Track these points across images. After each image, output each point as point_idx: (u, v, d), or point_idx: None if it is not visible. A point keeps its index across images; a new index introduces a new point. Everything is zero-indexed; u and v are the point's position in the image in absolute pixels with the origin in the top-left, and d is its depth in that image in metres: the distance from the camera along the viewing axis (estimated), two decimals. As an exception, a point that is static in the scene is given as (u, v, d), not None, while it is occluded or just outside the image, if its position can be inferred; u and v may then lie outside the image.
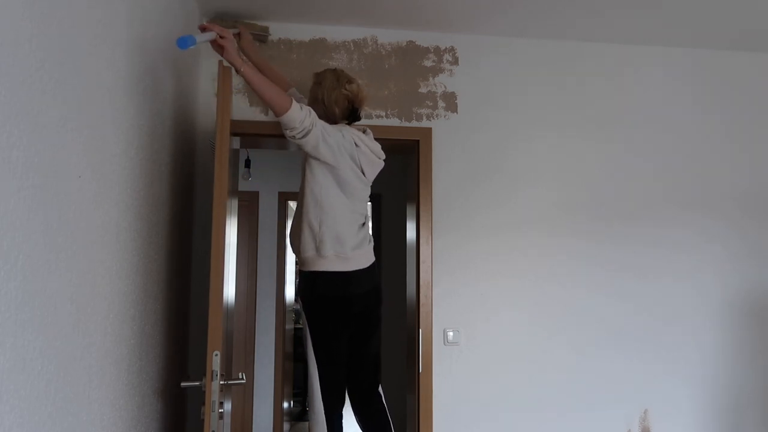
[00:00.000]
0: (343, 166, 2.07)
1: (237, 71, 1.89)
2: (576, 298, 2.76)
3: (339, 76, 2.19)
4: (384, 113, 2.72)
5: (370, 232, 2.30)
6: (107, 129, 1.44)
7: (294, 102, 1.92)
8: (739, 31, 2.78)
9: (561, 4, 2.51)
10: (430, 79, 2.78)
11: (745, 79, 3.00)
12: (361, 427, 2.24)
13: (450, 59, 2.80)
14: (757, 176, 2.95)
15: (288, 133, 1.96)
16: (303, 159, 2.16)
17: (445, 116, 2.77)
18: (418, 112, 2.75)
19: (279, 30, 2.68)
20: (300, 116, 1.92)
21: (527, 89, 2.84)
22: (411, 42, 2.78)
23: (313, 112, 1.99)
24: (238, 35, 2.39)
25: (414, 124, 2.74)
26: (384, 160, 2.27)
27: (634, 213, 2.85)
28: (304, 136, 1.95)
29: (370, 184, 2.24)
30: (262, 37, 2.62)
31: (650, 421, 2.76)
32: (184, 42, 1.68)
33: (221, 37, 1.85)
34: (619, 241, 2.82)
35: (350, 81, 2.19)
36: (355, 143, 2.12)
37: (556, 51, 2.88)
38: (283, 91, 1.98)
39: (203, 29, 1.88)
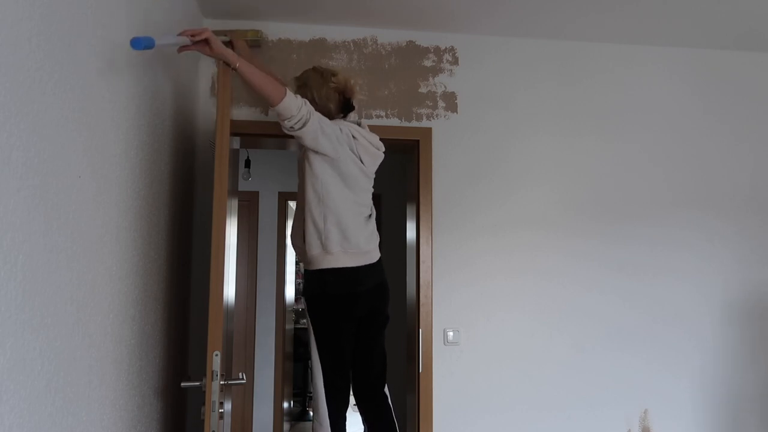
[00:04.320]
0: (344, 158, 2.05)
1: (231, 67, 1.81)
2: (576, 298, 2.76)
3: (322, 72, 2.16)
4: (384, 113, 2.72)
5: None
6: (107, 129, 1.44)
7: (288, 90, 1.89)
8: (741, 31, 2.78)
9: (561, 4, 2.51)
10: (430, 79, 2.78)
11: (747, 78, 3.00)
12: (366, 427, 2.23)
13: (450, 59, 2.80)
14: (760, 176, 2.95)
15: (286, 123, 1.91)
16: (300, 157, 2.14)
17: (445, 116, 2.77)
18: (418, 112, 2.75)
19: (279, 30, 2.68)
20: (296, 104, 1.89)
21: (527, 89, 2.84)
22: (411, 42, 2.78)
23: (308, 102, 1.96)
24: (230, 44, 2.37)
25: (414, 124, 2.74)
26: (384, 153, 2.26)
27: (635, 212, 2.85)
28: (302, 126, 1.91)
29: (373, 176, 2.22)
30: (255, 42, 2.58)
31: (650, 421, 2.76)
32: (138, 42, 1.48)
33: (193, 35, 1.72)
34: (619, 241, 2.82)
35: (333, 73, 2.16)
36: (353, 136, 2.10)
37: (556, 51, 2.88)
38: (277, 81, 1.93)
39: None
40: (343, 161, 2.05)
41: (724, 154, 2.94)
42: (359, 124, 2.23)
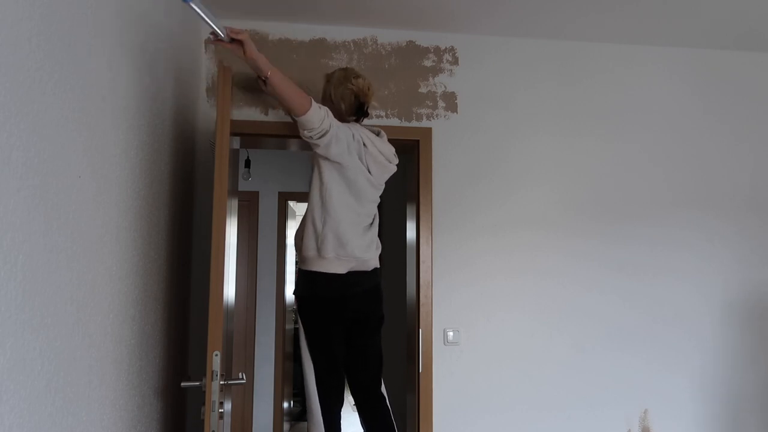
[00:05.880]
0: (352, 166, 2.06)
1: (262, 75, 1.82)
2: (576, 298, 2.76)
3: (347, 73, 2.19)
4: (384, 113, 2.72)
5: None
6: (107, 129, 1.44)
7: (313, 102, 1.90)
8: (741, 31, 2.78)
9: (561, 4, 2.51)
10: (430, 79, 2.78)
11: (747, 78, 3.00)
12: (364, 428, 2.23)
13: (450, 59, 2.80)
14: (760, 176, 2.95)
15: (305, 133, 1.94)
16: (311, 158, 2.15)
17: (445, 116, 2.77)
18: (418, 112, 2.75)
19: (279, 30, 2.68)
20: (320, 116, 1.91)
21: (527, 89, 2.84)
22: (411, 42, 2.78)
23: (330, 112, 1.98)
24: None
25: (414, 124, 2.74)
26: (397, 165, 2.25)
27: (635, 212, 2.85)
28: (321, 137, 1.94)
29: (381, 186, 2.22)
30: None
31: (650, 421, 2.76)
32: None
33: (231, 32, 1.76)
34: (619, 241, 2.82)
35: (357, 76, 2.18)
36: (364, 143, 2.10)
37: (556, 51, 2.88)
38: (303, 90, 1.94)
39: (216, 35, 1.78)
40: (351, 169, 2.06)
41: (724, 154, 2.94)
42: (378, 134, 2.23)
